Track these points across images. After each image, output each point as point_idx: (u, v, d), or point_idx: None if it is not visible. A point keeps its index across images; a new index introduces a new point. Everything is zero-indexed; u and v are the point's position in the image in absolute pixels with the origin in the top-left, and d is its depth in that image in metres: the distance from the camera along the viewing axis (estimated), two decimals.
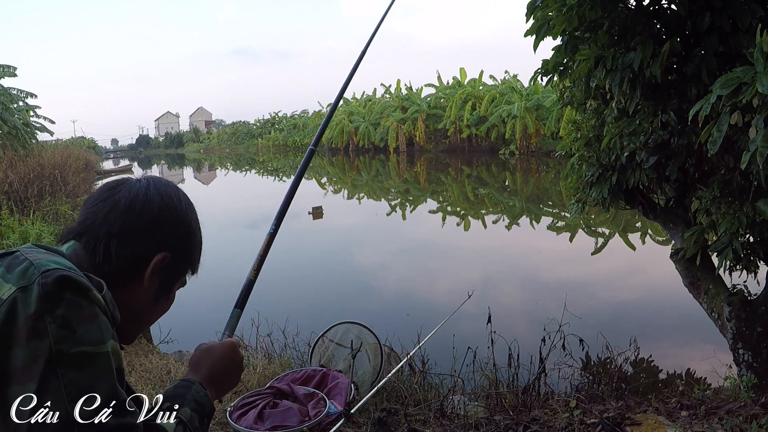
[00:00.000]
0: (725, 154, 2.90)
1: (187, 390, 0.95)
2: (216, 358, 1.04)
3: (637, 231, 11.91)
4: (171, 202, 0.95)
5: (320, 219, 15.63)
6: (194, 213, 1.01)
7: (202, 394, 0.96)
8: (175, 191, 0.98)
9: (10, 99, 18.17)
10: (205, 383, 1.00)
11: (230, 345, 1.07)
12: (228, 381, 1.06)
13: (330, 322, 3.87)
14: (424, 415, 3.26)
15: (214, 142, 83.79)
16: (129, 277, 0.93)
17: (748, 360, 3.50)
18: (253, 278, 1.24)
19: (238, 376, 1.09)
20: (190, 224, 0.99)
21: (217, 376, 1.03)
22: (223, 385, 1.05)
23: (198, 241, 1.03)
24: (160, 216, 0.94)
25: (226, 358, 1.05)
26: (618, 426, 2.74)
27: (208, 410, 0.96)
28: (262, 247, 1.29)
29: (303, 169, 1.54)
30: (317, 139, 1.62)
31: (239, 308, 1.20)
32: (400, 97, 47.08)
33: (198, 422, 0.92)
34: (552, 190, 19.86)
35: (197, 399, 0.95)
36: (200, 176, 42.29)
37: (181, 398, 0.93)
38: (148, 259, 0.93)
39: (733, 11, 2.84)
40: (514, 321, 6.73)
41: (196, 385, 0.97)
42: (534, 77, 3.95)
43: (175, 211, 0.96)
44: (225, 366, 1.05)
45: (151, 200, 0.93)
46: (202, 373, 1.02)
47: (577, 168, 4.23)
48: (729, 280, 3.68)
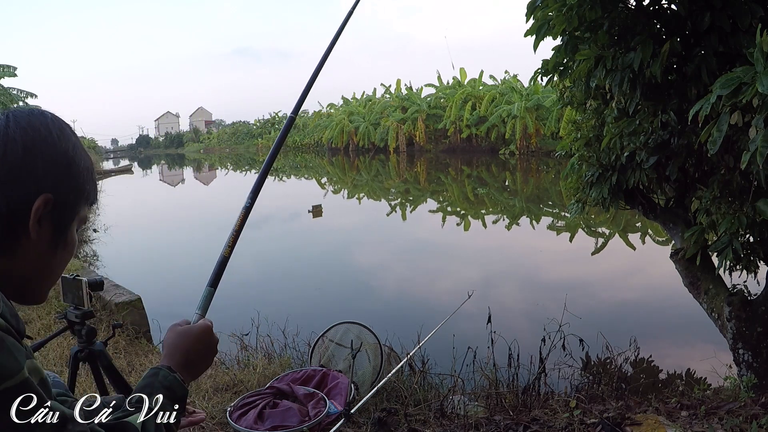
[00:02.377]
0: (725, 154, 2.90)
1: (155, 377, 0.93)
2: (191, 343, 1.01)
3: (637, 231, 11.91)
4: (38, 134, 0.81)
5: (320, 217, 15.67)
6: (70, 137, 0.86)
7: (171, 378, 0.94)
8: (41, 119, 0.84)
9: (10, 99, 18.19)
10: (178, 367, 0.97)
11: (205, 329, 1.04)
12: (202, 364, 1.04)
13: (330, 322, 3.87)
14: (424, 415, 3.26)
15: (214, 142, 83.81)
16: (11, 236, 0.81)
17: (748, 360, 3.50)
18: (227, 255, 1.19)
19: (212, 358, 1.06)
20: (67, 153, 0.84)
21: (192, 361, 1.01)
22: (197, 369, 1.03)
23: (84, 168, 0.87)
24: (29, 154, 0.80)
25: (201, 343, 1.02)
26: (618, 426, 2.74)
27: (180, 394, 0.94)
28: (237, 222, 1.22)
29: (280, 142, 1.42)
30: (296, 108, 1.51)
31: (212, 287, 1.15)
32: (400, 97, 47.09)
33: (171, 407, 0.90)
34: (552, 190, 19.86)
35: (166, 384, 0.92)
36: (200, 176, 42.29)
37: (149, 387, 0.91)
38: (27, 207, 0.80)
39: (733, 11, 2.84)
40: (514, 321, 6.73)
41: (163, 370, 0.94)
42: (534, 77, 3.95)
43: (45, 144, 0.81)
44: (200, 350, 1.02)
45: (13, 139, 0.79)
46: (177, 356, 0.99)
47: (577, 168, 4.23)
48: (729, 280, 3.68)
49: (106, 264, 10.25)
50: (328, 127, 52.64)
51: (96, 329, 2.16)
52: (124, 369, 4.09)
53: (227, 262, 1.19)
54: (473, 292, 4.49)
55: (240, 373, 3.94)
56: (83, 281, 1.47)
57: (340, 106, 55.30)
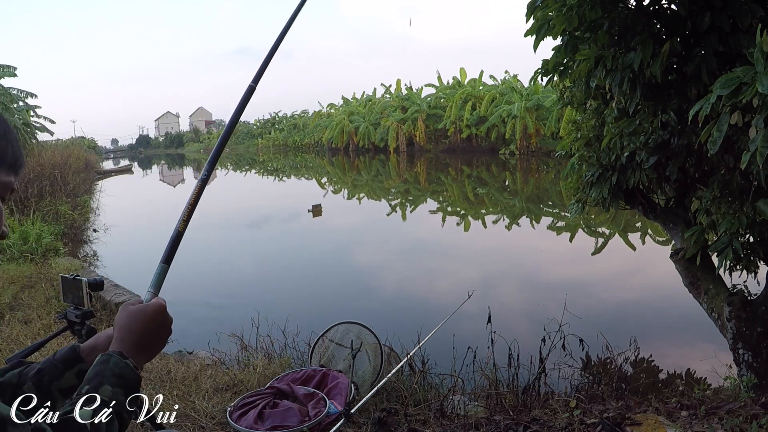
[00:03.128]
0: (725, 154, 2.90)
1: (105, 366, 0.89)
2: (144, 323, 0.97)
3: (637, 231, 11.90)
4: None
5: (320, 216, 15.69)
6: None
7: (122, 365, 0.90)
8: None
9: (10, 99, 18.18)
10: (131, 350, 0.94)
11: (158, 308, 1.00)
12: (156, 346, 1.00)
13: (330, 322, 3.87)
14: (424, 415, 3.26)
15: (214, 142, 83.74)
16: None
17: (748, 360, 3.50)
18: (181, 230, 1.14)
19: (166, 339, 1.02)
20: None
21: (145, 343, 0.97)
22: (151, 351, 0.99)
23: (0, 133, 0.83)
24: None
25: (155, 323, 0.98)
26: (618, 426, 2.74)
27: (133, 380, 0.90)
28: (193, 194, 1.18)
29: (239, 112, 1.34)
30: (257, 77, 1.38)
31: (165, 263, 1.12)
32: (400, 97, 47.09)
33: (124, 396, 0.87)
34: (552, 190, 19.86)
35: (117, 372, 0.88)
36: None
37: (100, 376, 0.87)
38: None
39: (733, 11, 2.84)
40: (514, 321, 6.72)
41: (114, 357, 0.90)
42: (534, 77, 3.95)
43: None
44: (153, 331, 0.98)
45: None
46: (130, 339, 0.95)
47: (577, 168, 4.23)
48: (729, 280, 3.68)
49: (106, 264, 10.26)
50: (328, 127, 52.64)
51: (96, 329, 2.15)
52: None
53: (182, 237, 1.14)
54: (473, 292, 4.49)
55: (240, 373, 3.94)
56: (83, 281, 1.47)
57: (340, 106, 55.31)
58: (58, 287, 5.86)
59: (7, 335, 4.75)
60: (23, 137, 17.34)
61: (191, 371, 3.98)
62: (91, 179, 22.94)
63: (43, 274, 6.95)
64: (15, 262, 8.02)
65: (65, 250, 9.38)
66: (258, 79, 1.38)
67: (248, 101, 1.35)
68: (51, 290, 6.04)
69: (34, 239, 8.82)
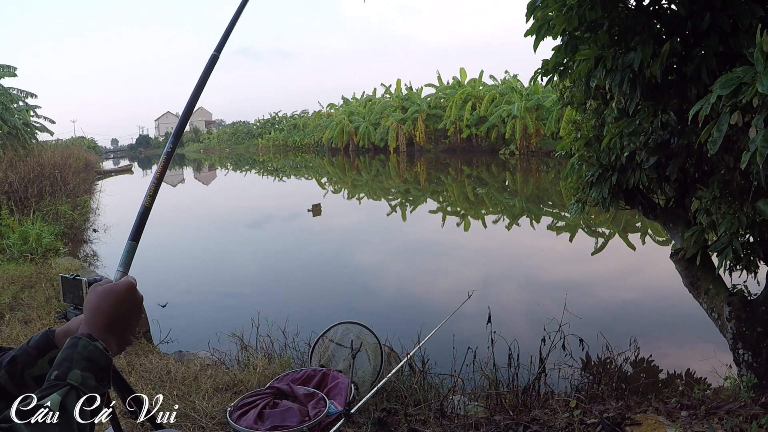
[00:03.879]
0: (725, 154, 2.90)
1: (74, 349, 0.85)
2: (113, 303, 0.94)
3: (637, 231, 11.91)
4: None
5: (319, 216, 15.74)
6: None
7: (91, 347, 0.87)
8: None
9: (10, 99, 18.17)
10: (100, 331, 0.91)
11: (128, 286, 0.97)
12: (127, 326, 0.96)
13: (330, 322, 3.87)
14: (424, 415, 3.26)
15: (214, 142, 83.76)
16: None
17: (748, 360, 3.50)
18: (148, 205, 1.12)
19: (138, 319, 0.99)
20: None
21: (115, 323, 0.93)
22: (124, 331, 0.96)
23: None
24: None
25: (124, 302, 0.96)
26: (618, 426, 2.74)
27: (103, 363, 0.87)
28: (158, 169, 1.14)
29: (204, 79, 1.30)
30: (219, 46, 1.36)
31: (134, 241, 1.09)
32: (400, 97, 47.08)
33: (94, 380, 0.84)
34: (552, 190, 19.86)
35: (86, 355, 0.85)
36: (200, 176, 42.28)
37: (68, 361, 0.83)
38: None
39: (733, 11, 2.84)
40: (514, 321, 6.72)
41: (83, 339, 0.87)
42: (534, 77, 3.95)
43: None
44: (123, 311, 0.95)
45: None
46: (99, 320, 0.93)
47: (577, 168, 4.23)
48: (729, 280, 3.68)
49: (106, 264, 10.25)
50: (328, 127, 52.64)
51: None
52: (124, 369, 4.08)
53: (149, 212, 1.12)
54: (473, 292, 4.49)
55: (240, 373, 3.94)
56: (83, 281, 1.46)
57: (340, 106, 55.32)
58: (58, 287, 5.87)
59: (7, 335, 4.75)
60: (23, 137, 17.33)
61: (191, 371, 3.98)
62: (91, 179, 22.93)
63: (43, 274, 6.95)
64: (15, 262, 8.02)
65: (65, 250, 9.38)
66: (221, 48, 1.37)
67: (212, 70, 1.33)
68: (51, 290, 6.04)
69: (34, 239, 8.82)
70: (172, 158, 1.23)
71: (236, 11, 1.44)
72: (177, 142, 1.21)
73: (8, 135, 16.64)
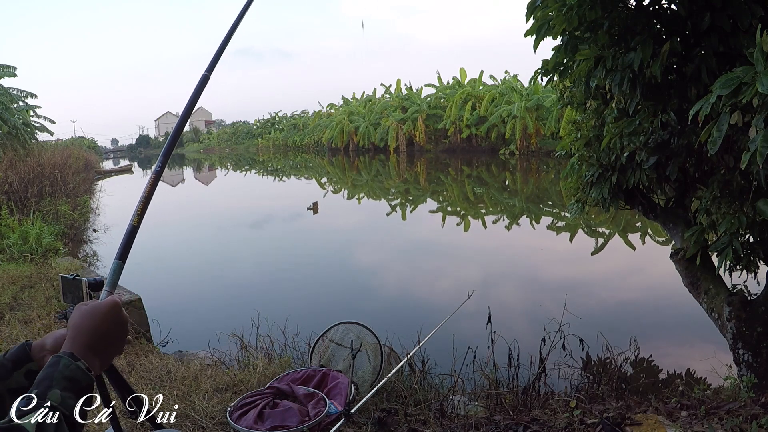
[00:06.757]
0: (725, 154, 2.90)
1: (55, 368, 0.84)
2: (97, 322, 0.93)
3: (637, 231, 11.90)
4: None
5: (317, 213, 15.97)
6: None
7: (73, 367, 0.85)
8: None
9: (10, 99, 18.18)
10: (83, 350, 0.89)
11: (112, 306, 0.96)
12: (113, 346, 0.96)
13: (330, 322, 3.87)
14: (424, 415, 3.26)
15: (214, 142, 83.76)
16: None
17: (748, 360, 3.50)
18: (136, 224, 1.11)
19: (123, 340, 0.98)
20: None
21: (98, 343, 0.92)
22: (107, 351, 0.94)
23: None
24: None
25: (108, 322, 0.94)
26: (618, 426, 2.74)
27: (85, 383, 0.85)
28: (147, 187, 1.13)
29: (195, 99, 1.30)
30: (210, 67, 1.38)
31: (120, 260, 1.08)
32: (400, 97, 47.07)
33: (74, 399, 0.82)
34: (552, 190, 19.86)
35: (67, 375, 0.84)
36: (200, 176, 42.29)
37: (48, 380, 0.82)
38: None
39: (733, 11, 2.84)
40: (514, 321, 6.72)
41: (65, 358, 0.86)
42: (534, 77, 3.95)
43: None
44: (106, 331, 0.94)
45: None
46: (81, 339, 0.91)
47: (577, 168, 4.23)
48: (729, 280, 3.68)
49: (106, 264, 10.25)
50: (328, 127, 52.63)
51: None
52: (124, 369, 4.08)
53: (137, 231, 1.11)
54: (473, 292, 4.49)
55: (240, 373, 3.94)
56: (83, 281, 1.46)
57: (340, 106, 55.31)
58: (58, 287, 5.87)
59: (7, 335, 4.75)
60: (23, 137, 17.34)
61: (191, 371, 3.97)
62: (91, 179, 22.94)
63: (43, 274, 6.95)
64: (15, 262, 8.02)
65: (65, 250, 9.37)
66: (212, 69, 1.37)
67: (203, 90, 1.32)
68: (51, 290, 6.03)
69: (34, 239, 8.82)
70: (173, 158, 1.23)
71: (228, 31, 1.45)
72: (166, 162, 1.20)
73: (8, 135, 16.65)
